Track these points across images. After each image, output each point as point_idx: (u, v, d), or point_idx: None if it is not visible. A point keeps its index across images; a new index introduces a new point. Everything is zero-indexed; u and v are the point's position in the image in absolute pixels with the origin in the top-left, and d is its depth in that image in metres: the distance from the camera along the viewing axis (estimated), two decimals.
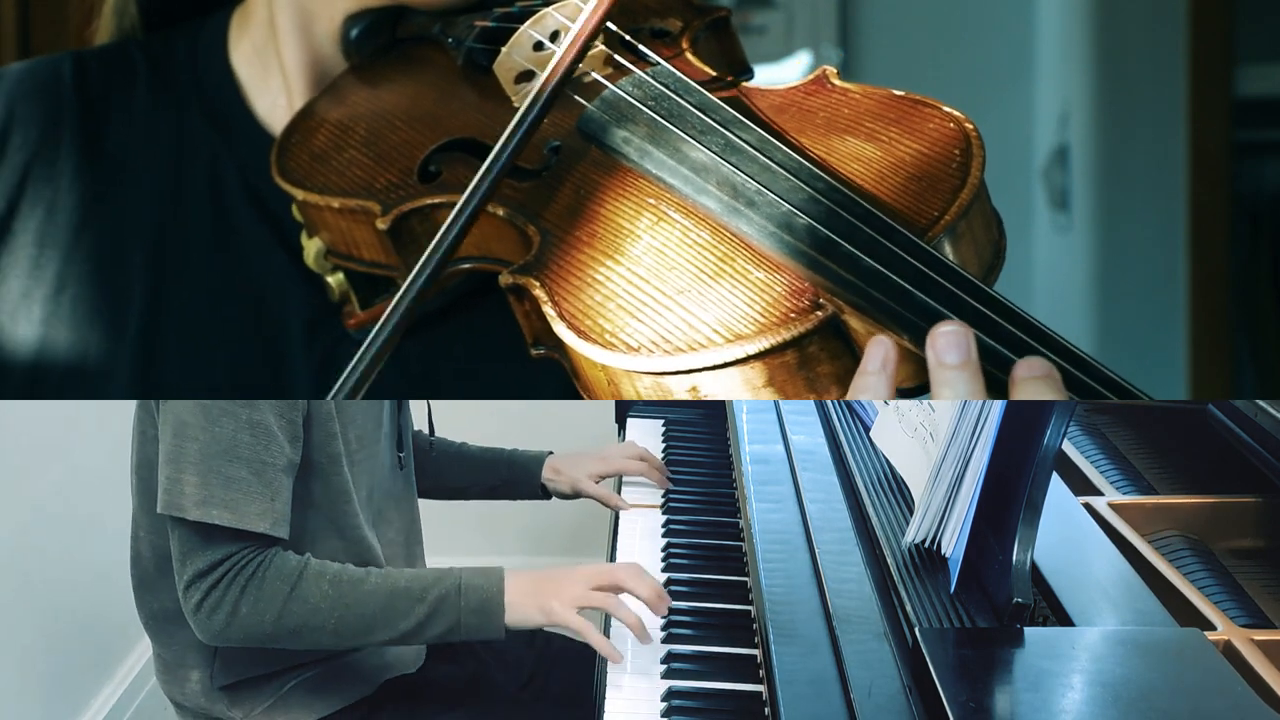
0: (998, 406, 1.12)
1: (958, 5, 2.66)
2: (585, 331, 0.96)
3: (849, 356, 0.92)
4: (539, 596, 1.33)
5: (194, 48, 1.30)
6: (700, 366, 0.91)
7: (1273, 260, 2.55)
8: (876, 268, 0.92)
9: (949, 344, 0.86)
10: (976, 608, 1.11)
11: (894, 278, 0.91)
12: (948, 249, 0.95)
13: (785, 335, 0.90)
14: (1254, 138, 2.52)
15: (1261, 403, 1.39)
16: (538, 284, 0.99)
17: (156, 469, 1.35)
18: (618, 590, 1.34)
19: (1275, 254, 2.55)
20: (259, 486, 1.29)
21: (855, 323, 0.91)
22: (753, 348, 0.90)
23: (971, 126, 1.01)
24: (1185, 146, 2.50)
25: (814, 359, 0.92)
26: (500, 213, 1.06)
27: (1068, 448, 1.55)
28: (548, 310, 0.98)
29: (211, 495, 1.28)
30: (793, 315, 0.91)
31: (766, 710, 1.20)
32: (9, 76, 1.29)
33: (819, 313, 0.91)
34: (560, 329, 0.97)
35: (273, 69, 1.26)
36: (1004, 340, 0.88)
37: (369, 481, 1.45)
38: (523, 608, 1.33)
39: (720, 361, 0.91)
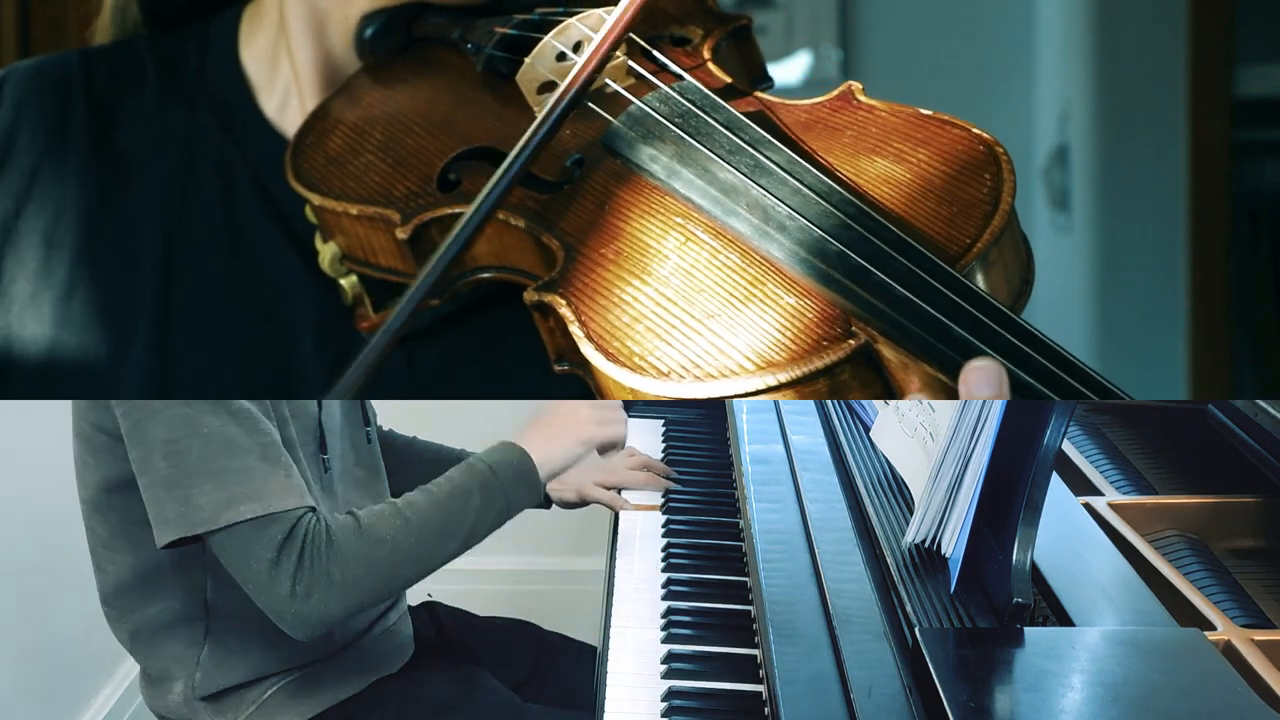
0: (998, 406, 1.11)
1: (958, 5, 2.66)
2: (614, 354, 0.94)
3: (880, 385, 0.91)
4: (562, 437, 1.42)
5: (204, 47, 1.29)
6: (731, 394, 0.90)
7: (1273, 260, 2.55)
8: (909, 297, 0.90)
9: (981, 379, 0.85)
10: (976, 608, 1.11)
11: (927, 307, 0.89)
12: (979, 277, 0.94)
13: (817, 364, 0.89)
14: (1254, 138, 2.52)
15: (1261, 403, 1.39)
16: (564, 302, 0.98)
17: (120, 489, 1.34)
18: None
19: (1275, 254, 2.55)
20: (269, 468, 1.28)
21: (888, 352, 0.90)
22: (784, 376, 0.89)
23: (1002, 150, 0.99)
24: (1185, 146, 2.50)
25: (845, 387, 0.90)
26: (520, 224, 1.05)
27: (1068, 448, 1.54)
28: (575, 330, 0.96)
29: (233, 494, 1.26)
30: (825, 343, 0.90)
31: (766, 710, 1.20)
32: (16, 74, 1.28)
33: (851, 341, 0.90)
34: (588, 351, 0.95)
35: (283, 68, 1.25)
36: (1035, 372, 0.87)
37: (321, 478, 1.45)
38: (555, 451, 1.41)
39: (751, 389, 0.89)
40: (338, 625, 1.34)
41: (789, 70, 2.69)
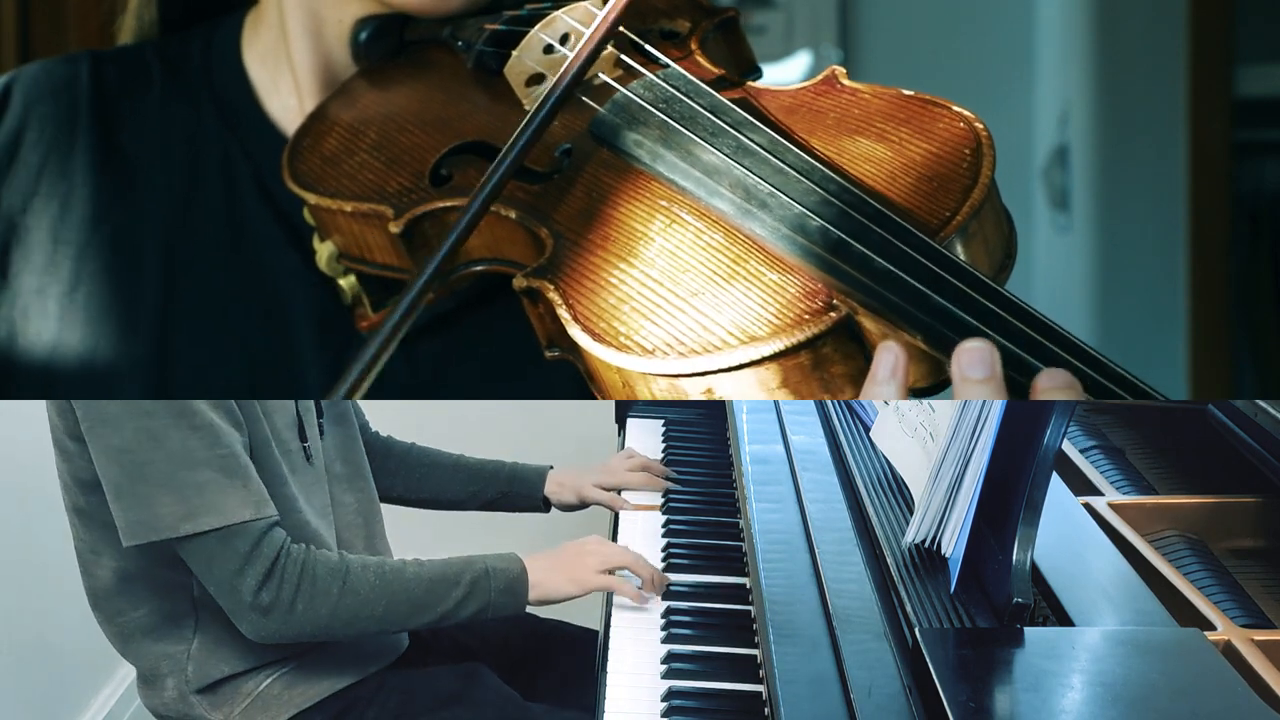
0: (998, 406, 1.12)
1: (958, 5, 2.66)
2: (600, 334, 0.96)
3: (863, 357, 0.92)
4: (561, 571, 1.44)
5: (208, 49, 1.31)
6: (715, 369, 0.91)
7: (1273, 260, 2.55)
8: (889, 269, 0.92)
9: (974, 360, 0.86)
10: (976, 608, 1.11)
11: (907, 279, 0.91)
12: (959, 249, 0.95)
13: (799, 336, 0.90)
14: (1254, 138, 2.52)
15: (1261, 403, 1.39)
16: (552, 287, 0.99)
17: (95, 492, 1.35)
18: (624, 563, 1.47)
19: (1275, 254, 2.55)
20: (227, 481, 1.31)
21: (869, 324, 0.91)
22: (767, 349, 0.90)
23: (981, 126, 1.01)
24: (1185, 146, 2.50)
25: (828, 360, 0.91)
26: (512, 215, 1.06)
27: (1068, 448, 1.54)
28: (562, 313, 0.98)
29: (192, 507, 1.29)
30: (807, 316, 0.91)
31: (766, 710, 1.20)
32: (26, 75, 1.30)
33: (833, 314, 0.91)
34: (575, 332, 0.97)
35: (284, 70, 1.27)
36: (1016, 339, 0.88)
37: (304, 467, 1.46)
38: (552, 583, 1.44)
39: (735, 363, 0.91)
40: (286, 644, 1.39)
41: (789, 70, 2.69)
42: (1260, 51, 2.51)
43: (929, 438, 1.26)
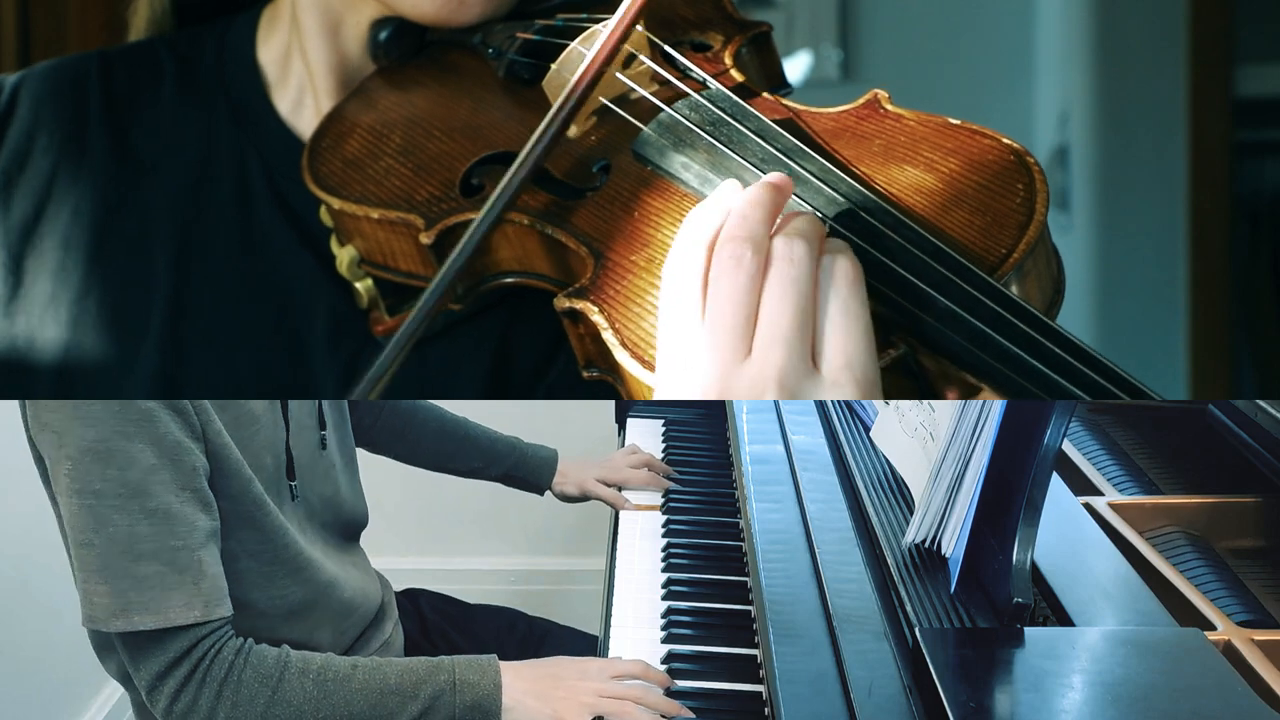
0: (998, 406, 1.12)
1: (958, 5, 2.66)
2: (651, 362, 0.94)
3: (916, 393, 0.91)
4: (544, 700, 1.26)
5: (222, 46, 1.28)
6: None
7: (1273, 260, 2.55)
8: (950, 307, 0.90)
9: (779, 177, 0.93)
10: (976, 608, 1.11)
11: (968, 318, 0.89)
12: (1014, 286, 0.93)
13: None
14: (1254, 138, 2.52)
15: (1261, 403, 1.39)
16: (596, 309, 0.97)
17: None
18: (625, 698, 1.26)
19: (1275, 254, 2.55)
20: (174, 576, 1.21)
21: (928, 361, 0.90)
22: None
23: (1033, 159, 0.98)
24: (1185, 146, 2.50)
25: (884, 396, 0.90)
26: (545, 230, 1.04)
27: (1068, 447, 1.54)
28: (608, 338, 0.96)
29: (128, 603, 1.20)
30: None
31: (766, 710, 1.20)
32: (34, 77, 1.28)
33: (890, 350, 0.89)
34: (623, 358, 0.95)
35: (296, 68, 1.25)
36: (1079, 381, 0.87)
37: (297, 501, 1.41)
38: (526, 710, 1.26)
39: None
40: None
41: (789, 70, 2.69)
42: (1260, 51, 2.51)
43: (929, 438, 1.26)
